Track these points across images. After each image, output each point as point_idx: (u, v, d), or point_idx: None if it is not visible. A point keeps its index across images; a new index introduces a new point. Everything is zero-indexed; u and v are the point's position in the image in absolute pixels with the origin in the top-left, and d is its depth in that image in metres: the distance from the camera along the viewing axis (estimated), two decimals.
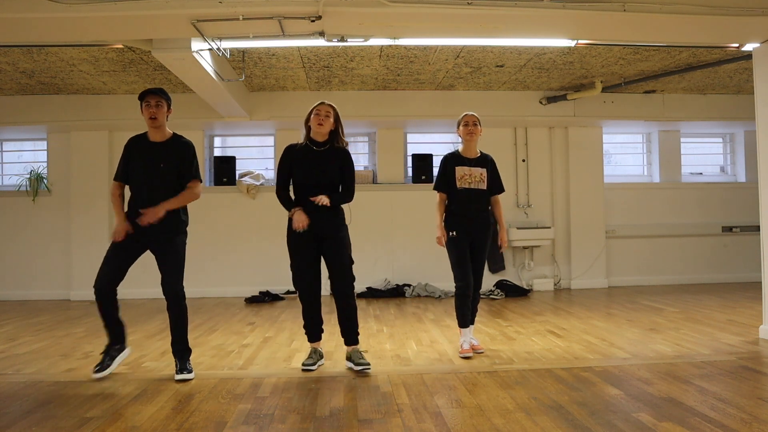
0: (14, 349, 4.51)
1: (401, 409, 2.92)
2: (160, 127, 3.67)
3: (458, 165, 4.18)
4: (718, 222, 8.42)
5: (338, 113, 3.81)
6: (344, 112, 7.33)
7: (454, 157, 4.22)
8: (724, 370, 3.57)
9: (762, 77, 4.61)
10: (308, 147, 3.78)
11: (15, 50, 5.57)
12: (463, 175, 4.15)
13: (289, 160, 3.77)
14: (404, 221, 7.94)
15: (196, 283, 7.53)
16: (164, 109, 3.66)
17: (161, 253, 3.67)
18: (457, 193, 4.14)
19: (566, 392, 3.16)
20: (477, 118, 4.19)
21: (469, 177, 4.14)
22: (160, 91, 3.66)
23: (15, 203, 7.78)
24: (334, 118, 3.78)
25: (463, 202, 4.13)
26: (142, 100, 3.65)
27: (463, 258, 4.09)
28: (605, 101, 7.65)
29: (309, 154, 3.76)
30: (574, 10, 4.00)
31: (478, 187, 4.16)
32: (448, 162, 4.21)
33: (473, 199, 4.15)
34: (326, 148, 3.78)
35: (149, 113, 3.62)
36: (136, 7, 3.84)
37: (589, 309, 6.16)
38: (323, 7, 3.84)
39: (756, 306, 5.59)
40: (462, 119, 4.20)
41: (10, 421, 2.82)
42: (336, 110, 3.80)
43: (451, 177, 4.15)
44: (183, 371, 3.58)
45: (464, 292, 4.08)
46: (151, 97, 3.62)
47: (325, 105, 3.77)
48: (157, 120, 3.63)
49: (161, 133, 3.70)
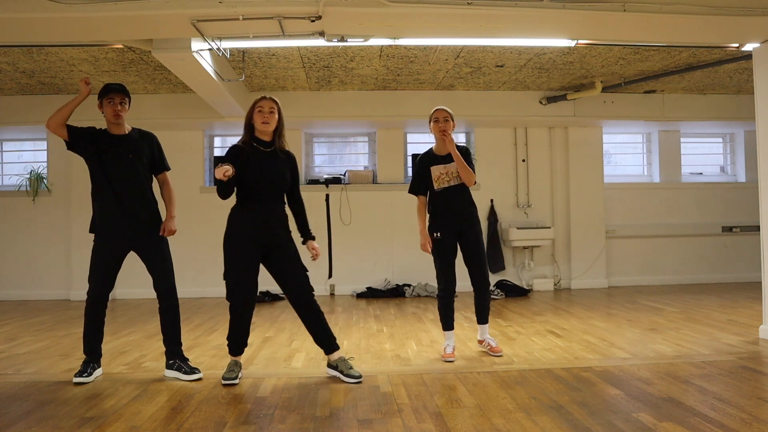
0: (14, 349, 4.51)
1: (401, 409, 2.92)
2: (122, 124, 3.67)
3: (433, 165, 4.02)
4: (718, 222, 8.41)
5: (281, 109, 3.53)
6: (344, 112, 7.54)
7: (429, 157, 4.06)
8: (724, 370, 3.57)
9: (762, 77, 4.61)
10: (256, 148, 3.49)
11: (15, 50, 5.57)
12: (439, 174, 4.01)
13: (237, 159, 3.43)
14: (404, 221, 7.92)
15: (196, 283, 7.55)
16: (126, 107, 3.67)
17: (151, 253, 3.67)
18: (437, 195, 4.02)
19: (566, 392, 3.16)
20: (449, 113, 3.99)
21: (446, 175, 4.00)
22: (124, 89, 3.66)
23: (15, 203, 7.78)
24: (278, 115, 3.51)
25: (444, 202, 4.01)
26: (104, 96, 3.61)
27: (447, 263, 4.00)
28: (605, 101, 7.65)
29: (259, 155, 3.48)
30: (574, 10, 3.99)
31: (457, 183, 4.00)
32: (422, 163, 4.07)
33: (455, 197, 4.01)
34: (273, 149, 3.52)
35: (114, 111, 3.60)
36: (136, 7, 3.84)
37: (589, 309, 6.16)
38: (323, 7, 3.84)
39: (756, 306, 5.59)
40: (432, 115, 4.01)
41: (10, 421, 2.82)
42: (279, 105, 3.52)
43: (428, 178, 4.03)
44: (195, 370, 3.61)
45: (445, 295, 4.03)
46: (116, 95, 3.61)
47: (268, 100, 3.48)
48: (120, 117, 3.62)
49: (122, 128, 3.69)
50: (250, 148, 3.49)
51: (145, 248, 3.68)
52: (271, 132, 3.51)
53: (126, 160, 3.62)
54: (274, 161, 3.50)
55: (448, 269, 4.01)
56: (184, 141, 7.82)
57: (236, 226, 3.50)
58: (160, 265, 3.68)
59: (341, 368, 3.51)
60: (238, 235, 3.47)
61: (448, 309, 4.05)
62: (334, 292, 7.87)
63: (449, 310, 4.06)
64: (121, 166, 3.61)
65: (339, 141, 8.64)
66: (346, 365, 3.53)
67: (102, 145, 3.61)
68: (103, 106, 3.63)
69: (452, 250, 4.02)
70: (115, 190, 3.59)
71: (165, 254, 3.72)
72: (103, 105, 3.63)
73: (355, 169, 8.15)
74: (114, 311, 6.47)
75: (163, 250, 3.72)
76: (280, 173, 3.51)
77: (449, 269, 4.01)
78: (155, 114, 7.34)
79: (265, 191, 3.48)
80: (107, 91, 3.62)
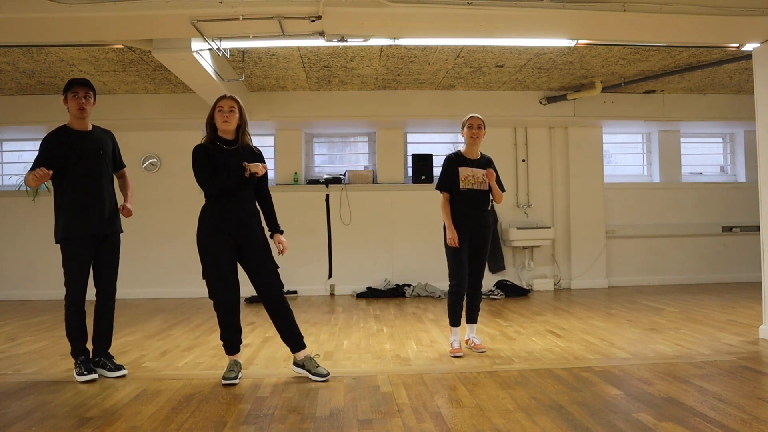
0: (14, 349, 4.52)
1: (401, 409, 2.92)
2: (86, 118, 3.67)
3: (461, 166, 4.21)
4: (718, 222, 8.41)
5: (242, 107, 3.54)
6: (344, 112, 7.53)
7: (458, 157, 4.26)
8: (724, 370, 3.57)
9: (762, 77, 4.61)
10: (219, 147, 3.49)
11: (15, 50, 5.57)
12: (466, 176, 4.18)
13: (206, 158, 3.45)
14: (404, 221, 7.95)
15: (196, 284, 7.48)
16: (91, 102, 3.67)
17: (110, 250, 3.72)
18: (459, 194, 4.18)
19: (566, 392, 3.16)
20: (482, 121, 4.23)
21: (472, 178, 4.19)
22: (88, 83, 3.66)
23: (15, 203, 7.78)
24: (239, 113, 3.51)
25: (465, 202, 4.17)
26: (68, 90, 3.61)
27: (460, 258, 4.13)
28: (605, 101, 7.65)
29: (223, 154, 3.47)
30: (574, 10, 3.99)
31: (481, 188, 4.21)
32: (452, 162, 4.23)
33: (475, 200, 4.20)
34: (238, 147, 3.52)
35: (78, 104, 3.60)
36: (136, 7, 3.84)
37: (589, 309, 6.16)
38: (323, 7, 3.84)
39: (756, 306, 5.59)
40: (467, 121, 4.24)
41: (10, 421, 2.82)
42: (240, 103, 3.52)
43: (455, 178, 4.18)
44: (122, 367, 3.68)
45: (458, 291, 4.15)
46: (80, 89, 3.61)
47: (228, 99, 3.49)
48: (85, 111, 3.62)
49: (85, 124, 3.69)
50: (213, 147, 3.50)
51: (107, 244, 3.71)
52: (233, 130, 3.52)
53: (97, 156, 3.65)
54: (239, 158, 3.48)
55: (461, 267, 4.14)
56: (184, 141, 7.78)
57: (207, 224, 3.50)
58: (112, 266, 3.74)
59: (308, 367, 3.53)
60: (211, 233, 3.47)
61: (458, 306, 4.18)
62: (334, 292, 7.87)
63: (459, 307, 4.18)
64: (92, 163, 3.63)
65: (339, 141, 8.64)
66: (312, 364, 3.54)
67: (71, 143, 3.60)
68: (68, 100, 3.62)
69: (466, 249, 4.17)
70: (87, 187, 3.60)
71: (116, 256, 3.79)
72: (67, 99, 3.63)
73: (355, 169, 8.15)
74: None
75: (117, 253, 3.78)
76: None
77: (462, 267, 4.14)
78: (155, 114, 7.34)
79: (233, 188, 3.47)
80: (72, 85, 3.62)
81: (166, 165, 7.77)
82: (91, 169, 3.62)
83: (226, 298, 3.51)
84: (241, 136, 3.54)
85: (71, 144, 3.59)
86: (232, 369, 3.53)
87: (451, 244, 4.11)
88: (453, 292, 4.17)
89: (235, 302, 3.55)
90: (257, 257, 3.52)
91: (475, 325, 4.33)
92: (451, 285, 4.18)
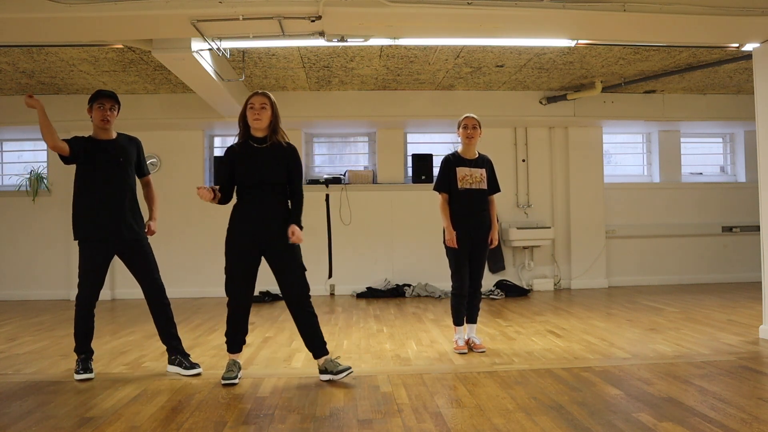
0: (14, 349, 4.51)
1: (401, 409, 2.92)
2: (109, 129, 3.72)
3: (459, 166, 4.22)
4: (718, 222, 8.41)
5: (275, 103, 3.47)
6: (344, 112, 7.53)
7: (455, 158, 4.27)
8: (724, 370, 3.57)
9: (762, 77, 4.61)
10: (248, 144, 3.48)
11: (15, 50, 5.57)
12: (464, 175, 4.20)
13: (229, 161, 3.48)
14: (404, 221, 7.94)
15: (196, 284, 7.55)
16: (115, 114, 3.72)
17: (139, 255, 3.74)
18: (458, 194, 4.19)
19: (566, 392, 3.16)
20: (477, 121, 4.24)
21: (470, 177, 4.20)
22: (115, 96, 3.71)
23: (15, 203, 7.78)
24: (272, 110, 3.45)
25: (464, 202, 4.19)
26: (94, 101, 3.67)
27: (461, 259, 4.16)
28: (605, 101, 7.65)
29: (250, 151, 3.46)
30: (574, 10, 3.99)
31: (479, 187, 4.22)
32: (449, 163, 4.24)
33: (474, 199, 4.21)
34: (268, 145, 3.47)
35: (102, 115, 3.65)
36: (136, 7, 3.84)
37: (589, 309, 6.16)
38: (323, 7, 3.84)
39: (756, 306, 5.59)
40: (462, 121, 4.25)
41: (10, 421, 2.82)
42: (272, 100, 3.46)
43: (453, 178, 4.20)
44: (195, 366, 3.69)
45: (460, 292, 4.19)
46: (107, 101, 3.67)
47: (260, 96, 3.44)
48: (109, 122, 3.68)
49: (109, 133, 3.74)
50: (244, 146, 3.49)
51: (130, 251, 3.73)
52: (265, 128, 3.47)
53: (117, 164, 3.68)
54: (266, 157, 3.45)
55: (463, 268, 4.18)
56: (184, 141, 7.82)
57: (233, 223, 3.54)
58: (147, 270, 3.77)
59: (330, 369, 3.50)
60: (235, 232, 3.51)
61: (461, 306, 4.23)
62: (334, 292, 7.87)
63: (462, 307, 4.24)
64: (112, 171, 3.66)
65: (339, 141, 8.64)
66: (333, 365, 3.51)
67: (93, 151, 3.66)
68: (93, 110, 3.68)
69: (467, 250, 4.19)
70: (106, 194, 3.63)
71: (150, 255, 3.81)
72: (92, 109, 3.68)
73: (355, 169, 8.15)
74: (114, 311, 6.47)
75: (148, 252, 3.80)
76: (271, 168, 3.45)
77: (464, 268, 4.18)
78: (155, 114, 7.34)
79: (258, 187, 3.46)
80: (98, 96, 3.68)
81: (166, 165, 7.75)
82: (111, 177, 3.66)
83: (236, 298, 3.55)
84: (271, 134, 3.48)
85: (93, 151, 3.65)
86: (231, 369, 3.54)
87: (450, 244, 4.13)
88: (455, 294, 4.21)
89: (244, 304, 3.56)
90: (281, 258, 3.50)
91: (475, 325, 4.35)
92: (454, 286, 4.21)
